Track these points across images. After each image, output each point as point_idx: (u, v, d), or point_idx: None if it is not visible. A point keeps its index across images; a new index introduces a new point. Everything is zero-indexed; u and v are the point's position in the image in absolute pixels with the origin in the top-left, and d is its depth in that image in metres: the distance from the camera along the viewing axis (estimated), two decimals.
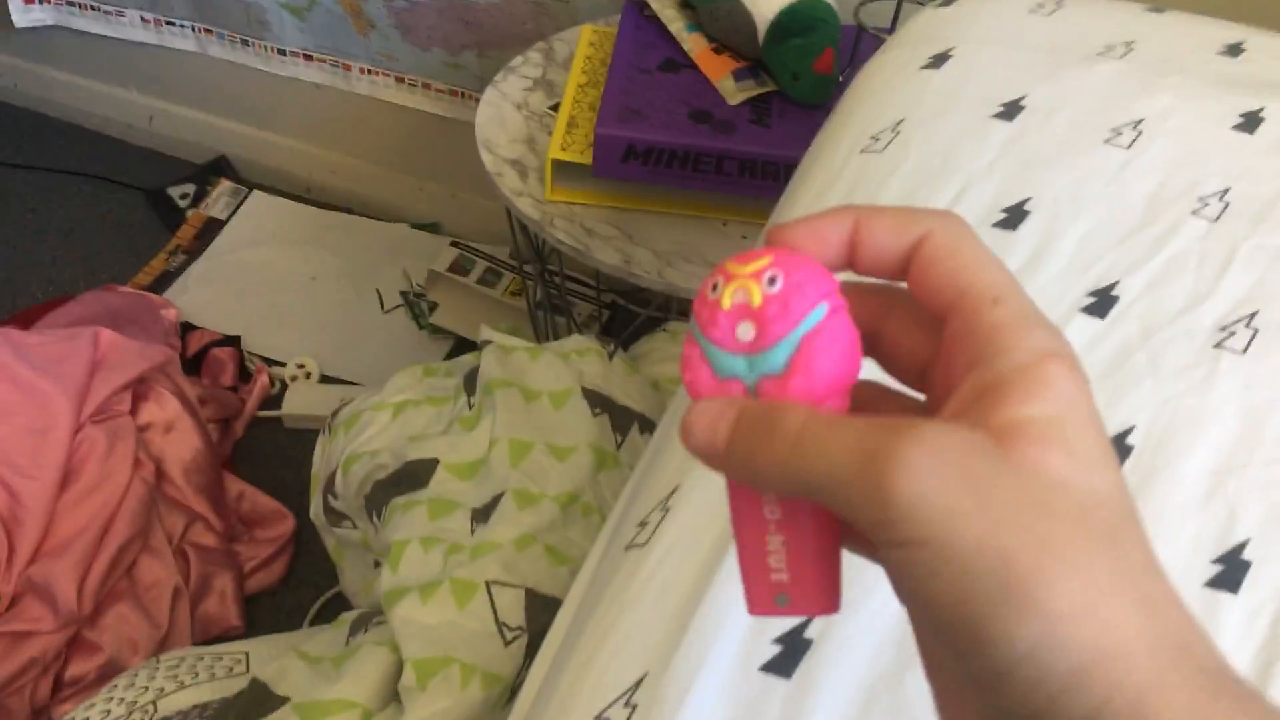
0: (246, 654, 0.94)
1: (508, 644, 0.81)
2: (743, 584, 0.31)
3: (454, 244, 1.65)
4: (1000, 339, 0.27)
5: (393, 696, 0.81)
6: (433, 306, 1.63)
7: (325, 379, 1.57)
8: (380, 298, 1.68)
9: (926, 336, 0.31)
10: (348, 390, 1.52)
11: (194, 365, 1.54)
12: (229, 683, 0.89)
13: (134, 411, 1.33)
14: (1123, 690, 0.24)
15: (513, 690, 0.80)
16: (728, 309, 0.30)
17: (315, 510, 1.12)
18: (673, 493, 0.55)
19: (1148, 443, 0.51)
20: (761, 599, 0.31)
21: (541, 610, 0.83)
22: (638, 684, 0.48)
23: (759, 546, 0.31)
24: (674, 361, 1.11)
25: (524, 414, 0.97)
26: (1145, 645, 0.24)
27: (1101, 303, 0.57)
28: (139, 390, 1.34)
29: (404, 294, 1.67)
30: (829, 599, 0.31)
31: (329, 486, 1.08)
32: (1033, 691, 0.24)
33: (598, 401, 0.98)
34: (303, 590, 1.35)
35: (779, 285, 0.29)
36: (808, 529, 0.31)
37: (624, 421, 0.99)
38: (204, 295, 1.67)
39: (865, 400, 0.32)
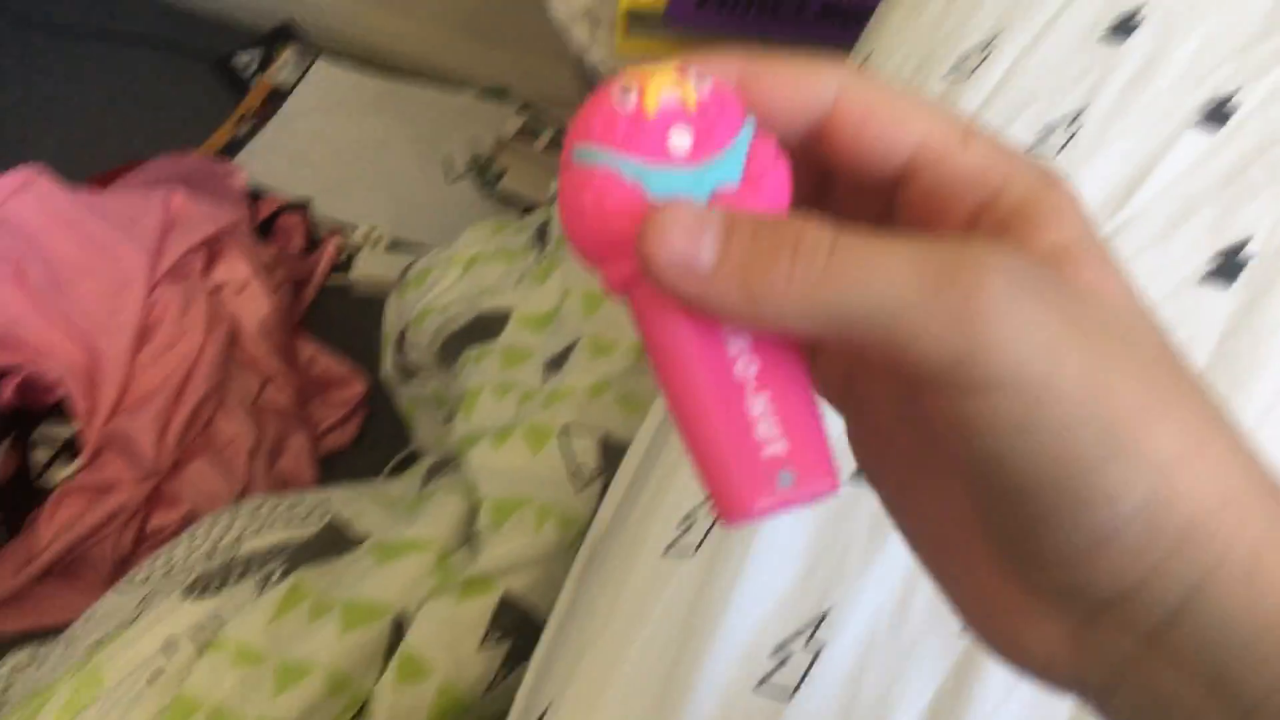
0: (323, 500, 0.95)
1: (581, 489, 0.81)
2: (720, 479, 0.23)
3: (522, 110, 1.62)
4: (993, 175, 0.24)
5: (466, 539, 0.81)
6: (500, 173, 1.61)
7: (393, 246, 1.56)
8: (447, 165, 1.67)
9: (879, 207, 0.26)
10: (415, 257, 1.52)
11: (264, 231, 1.55)
12: (307, 526, 0.90)
13: (207, 272, 1.34)
14: (1234, 548, 0.21)
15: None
16: (654, 116, 0.23)
17: (387, 368, 1.13)
18: None
19: (1266, 250, 0.48)
20: (758, 485, 0.23)
21: (615, 457, 0.83)
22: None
23: (739, 416, 0.23)
24: None
25: None
26: (1253, 493, 0.21)
27: (1216, 115, 0.53)
28: (211, 252, 1.35)
29: (471, 161, 1.66)
30: (834, 466, 0.24)
31: (401, 342, 1.08)
32: (1135, 560, 0.21)
33: None
34: (375, 452, 1.37)
35: (709, 84, 0.24)
36: (796, 378, 0.24)
37: None
38: (272, 162, 1.67)
39: None
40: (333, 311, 1.50)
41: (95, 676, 0.76)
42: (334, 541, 0.83)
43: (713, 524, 0.47)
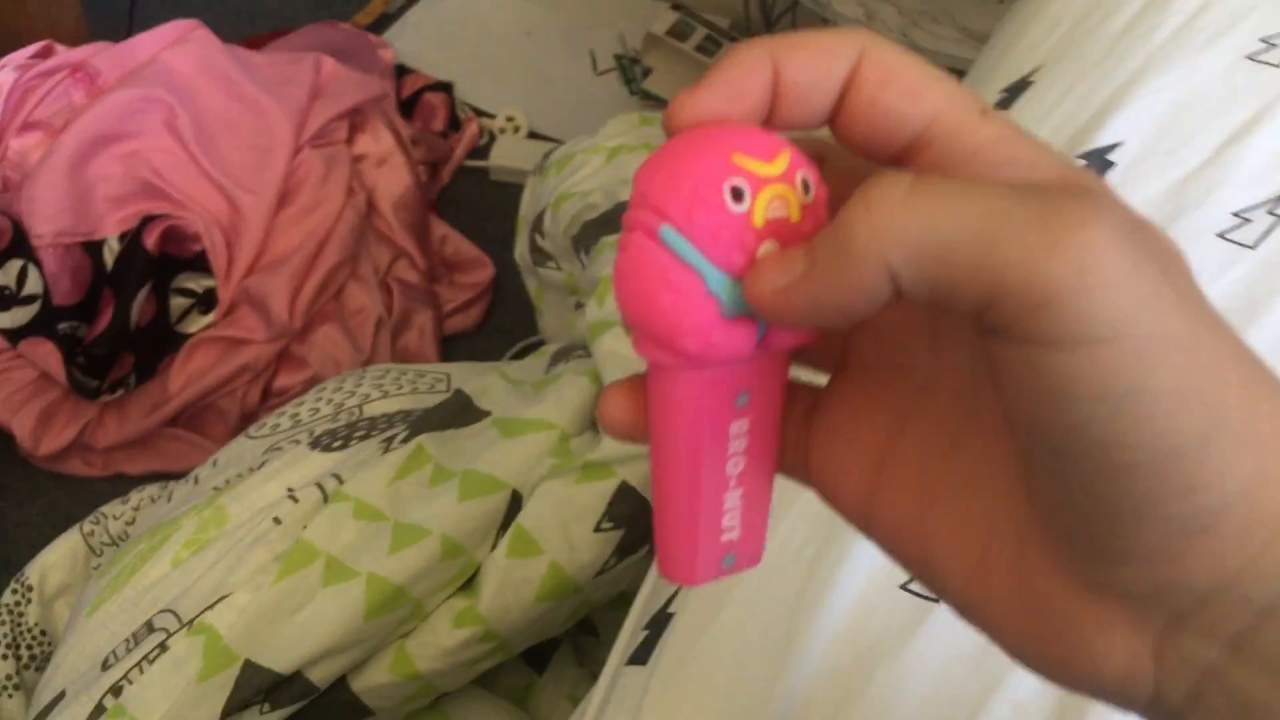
0: (448, 374, 0.96)
1: None
2: (680, 551, 0.26)
3: (674, 8, 1.58)
4: (1014, 151, 0.22)
5: (590, 424, 0.80)
6: (646, 71, 1.58)
7: (533, 135, 1.55)
8: (594, 58, 1.64)
9: None
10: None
11: (407, 108, 1.55)
12: (430, 397, 0.90)
13: (349, 142, 1.35)
14: None
15: None
16: (761, 226, 0.22)
17: (520, 251, 1.12)
18: None
19: None
20: (709, 565, 0.26)
21: None
22: None
23: (716, 506, 0.26)
24: None
25: None
26: None
27: None
28: (355, 121, 1.35)
29: (618, 57, 1.63)
30: (763, 547, 0.27)
31: (536, 226, 1.07)
32: (1234, 550, 0.19)
33: None
34: (497, 337, 1.37)
35: (813, 191, 0.23)
36: (766, 474, 0.26)
37: None
38: (419, 40, 1.66)
39: None
40: (467, 195, 1.50)
41: (220, 514, 0.78)
42: (459, 412, 0.83)
43: None
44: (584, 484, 0.75)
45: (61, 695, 0.74)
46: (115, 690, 0.70)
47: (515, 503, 0.76)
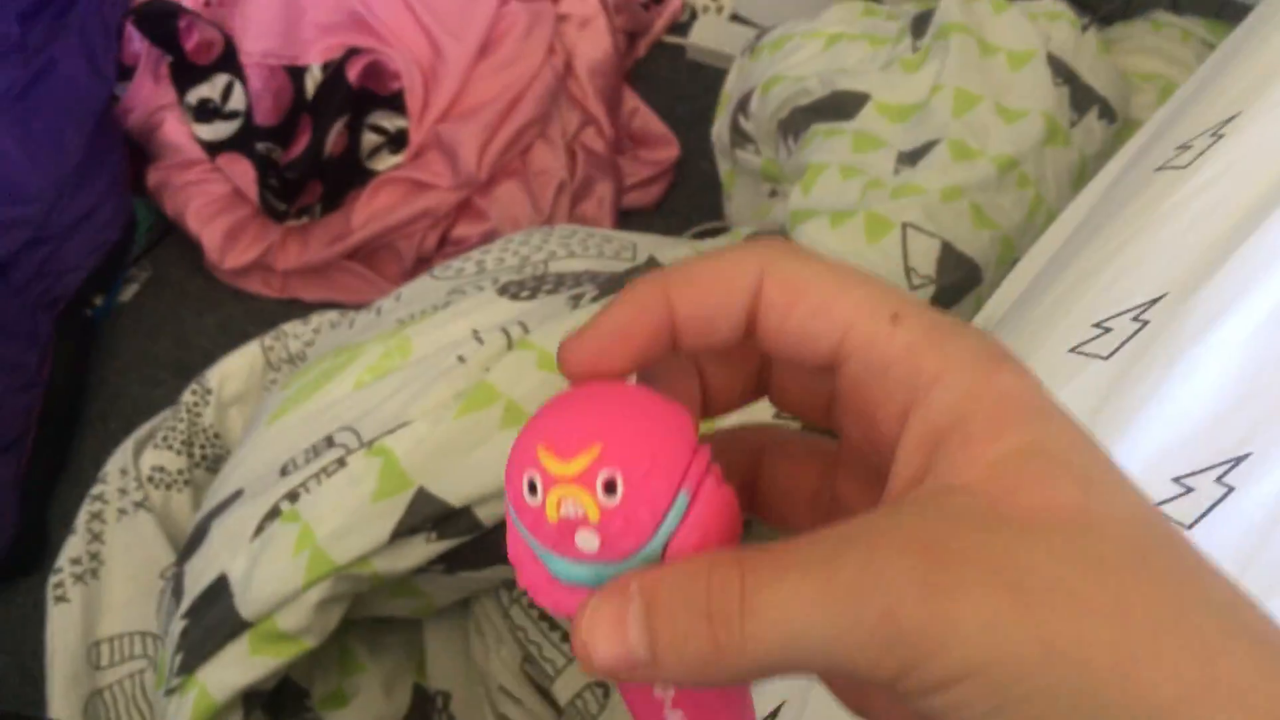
0: (635, 244, 0.95)
1: (913, 289, 0.76)
2: None
3: None
4: (923, 363, 0.21)
5: None
6: None
7: (735, 18, 1.51)
8: None
9: (816, 467, 0.26)
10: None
11: None
12: (617, 263, 0.89)
13: (555, 0, 1.33)
14: None
15: None
16: (555, 522, 0.22)
17: (719, 130, 1.10)
18: (1229, 120, 0.47)
19: None
20: None
21: (954, 266, 0.78)
22: (1153, 302, 0.42)
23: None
24: (1149, 55, 0.98)
25: (977, 67, 0.88)
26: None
27: None
28: None
29: None
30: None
31: (741, 106, 1.04)
32: None
33: (1061, 71, 0.88)
34: (674, 218, 1.36)
35: (619, 494, 0.22)
36: (711, 695, 0.25)
37: (1084, 100, 0.88)
38: None
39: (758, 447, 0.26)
40: (661, 71, 1.47)
41: (405, 345, 0.79)
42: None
43: (1133, 333, 0.41)
44: None
45: (238, 493, 0.76)
46: (292, 496, 0.72)
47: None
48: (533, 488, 0.22)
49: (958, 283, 0.77)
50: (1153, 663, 0.18)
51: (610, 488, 0.22)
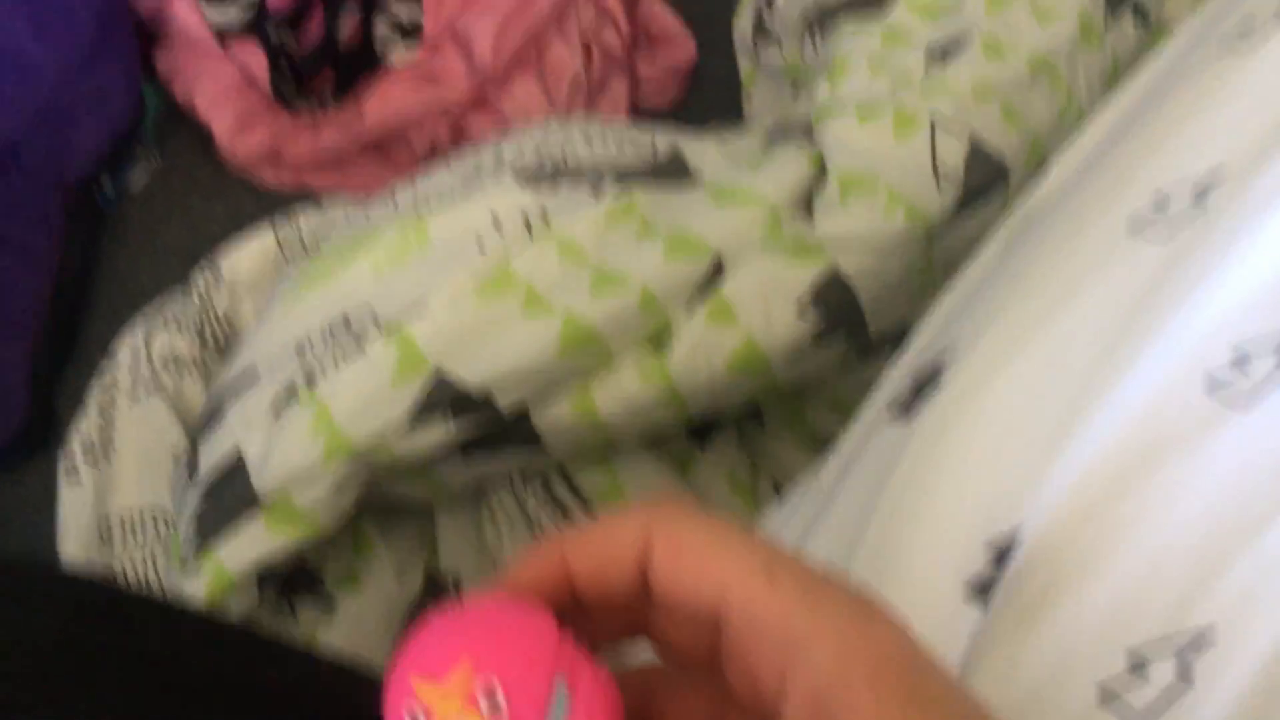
0: (654, 138, 0.93)
1: (939, 187, 0.75)
2: None
3: None
4: (798, 624, 0.23)
5: (803, 205, 0.77)
6: None
7: None
8: None
9: (708, 702, 0.27)
10: None
11: None
12: (637, 156, 0.88)
13: None
14: None
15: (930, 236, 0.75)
16: None
17: (742, 28, 1.08)
18: None
19: None
20: None
21: (982, 167, 0.77)
22: (1211, 170, 0.41)
23: None
24: None
25: None
26: None
27: None
28: None
29: None
30: None
31: (766, 2, 1.02)
32: None
33: None
34: (689, 119, 1.33)
35: (502, 703, 0.23)
36: None
37: (1118, 2, 0.86)
38: None
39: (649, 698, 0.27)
40: None
41: (423, 231, 0.78)
42: (672, 172, 0.80)
43: (1190, 215, 0.41)
44: (793, 262, 0.73)
45: (254, 373, 0.76)
46: (308, 376, 0.71)
47: (718, 270, 0.74)
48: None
49: (984, 183, 0.76)
50: None
51: (491, 695, 0.23)
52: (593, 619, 0.27)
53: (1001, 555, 0.37)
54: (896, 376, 0.47)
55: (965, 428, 0.39)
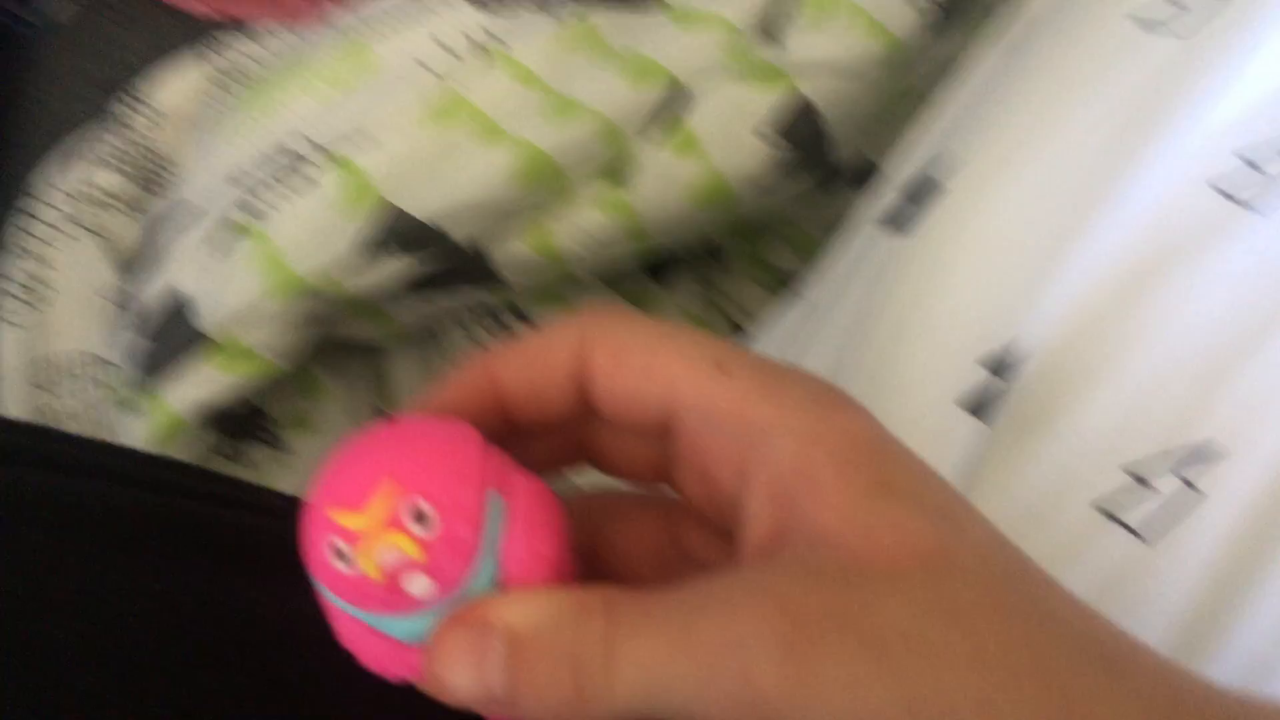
0: None
1: (919, 17, 0.72)
2: None
3: None
4: (757, 413, 0.21)
5: (770, 28, 0.73)
6: None
7: None
8: None
9: (656, 523, 0.25)
10: None
11: None
12: None
13: None
14: None
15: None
16: (380, 579, 0.21)
17: None
18: None
19: None
20: None
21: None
22: None
23: None
24: None
25: None
26: None
27: None
28: None
29: None
30: None
31: None
32: None
33: None
34: None
35: (433, 517, 0.21)
36: None
37: None
38: None
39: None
40: None
41: (365, 54, 0.73)
42: None
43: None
44: (758, 86, 0.70)
45: (188, 207, 0.72)
46: (247, 208, 0.68)
47: (680, 98, 0.71)
48: (340, 554, 0.21)
49: (965, 1, 0.73)
50: (1014, 710, 0.18)
51: (420, 517, 0.21)
52: (529, 445, 0.26)
53: (998, 371, 0.35)
54: (887, 191, 0.45)
55: (963, 239, 0.37)
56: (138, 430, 0.68)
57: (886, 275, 0.37)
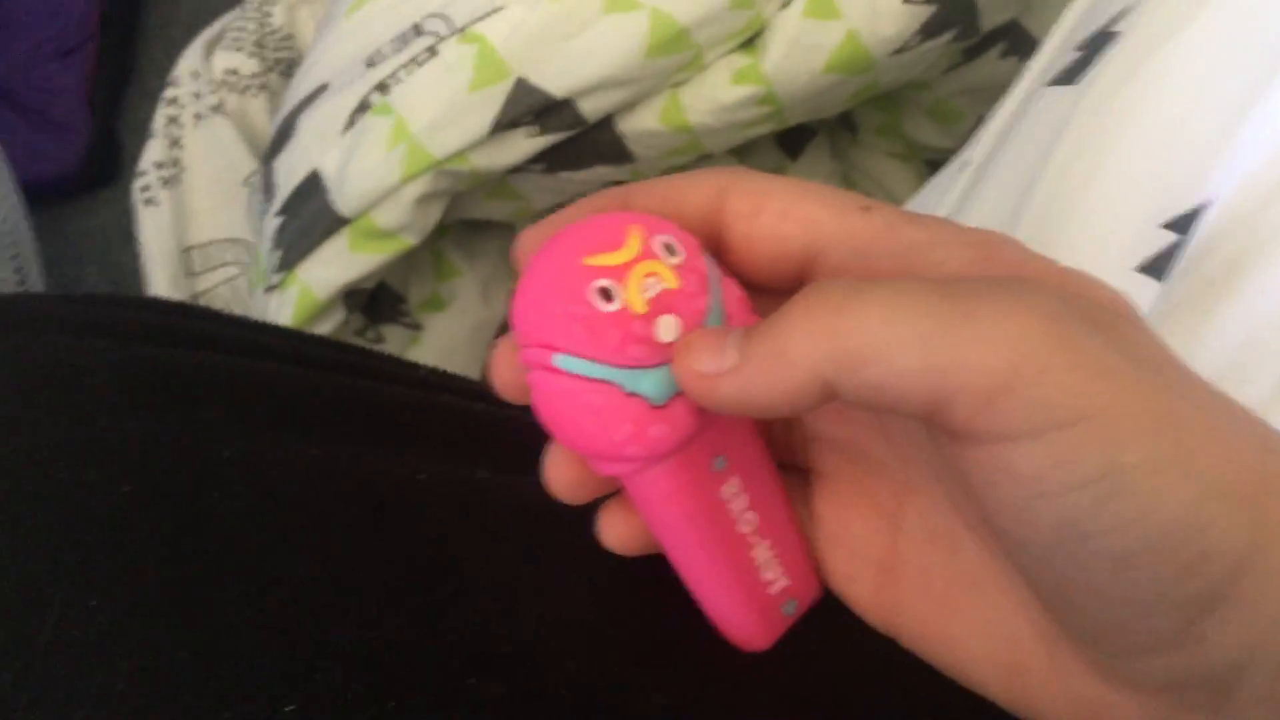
0: None
1: None
2: (736, 624, 0.26)
3: None
4: (912, 235, 0.21)
5: None
6: None
7: None
8: None
9: None
10: None
11: None
12: None
13: None
14: None
15: None
16: (645, 310, 0.21)
17: None
18: None
19: None
20: (771, 623, 0.26)
21: None
22: None
23: (748, 568, 0.25)
24: None
25: None
26: None
27: None
28: None
29: None
30: (819, 576, 0.27)
31: None
32: (1257, 612, 0.18)
33: None
34: None
35: (679, 249, 0.22)
36: (786, 515, 0.26)
37: None
38: None
39: None
40: None
41: None
42: None
43: None
44: None
45: (323, 87, 0.72)
46: (382, 87, 0.67)
47: None
48: (605, 293, 0.21)
49: None
50: (1242, 454, 0.18)
51: (669, 249, 0.22)
52: None
53: (1181, 232, 0.33)
54: (1054, 51, 0.42)
55: (1143, 90, 0.34)
56: (280, 310, 0.69)
57: (1058, 128, 0.35)
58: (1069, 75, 0.37)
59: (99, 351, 0.34)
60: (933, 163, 0.86)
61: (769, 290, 0.24)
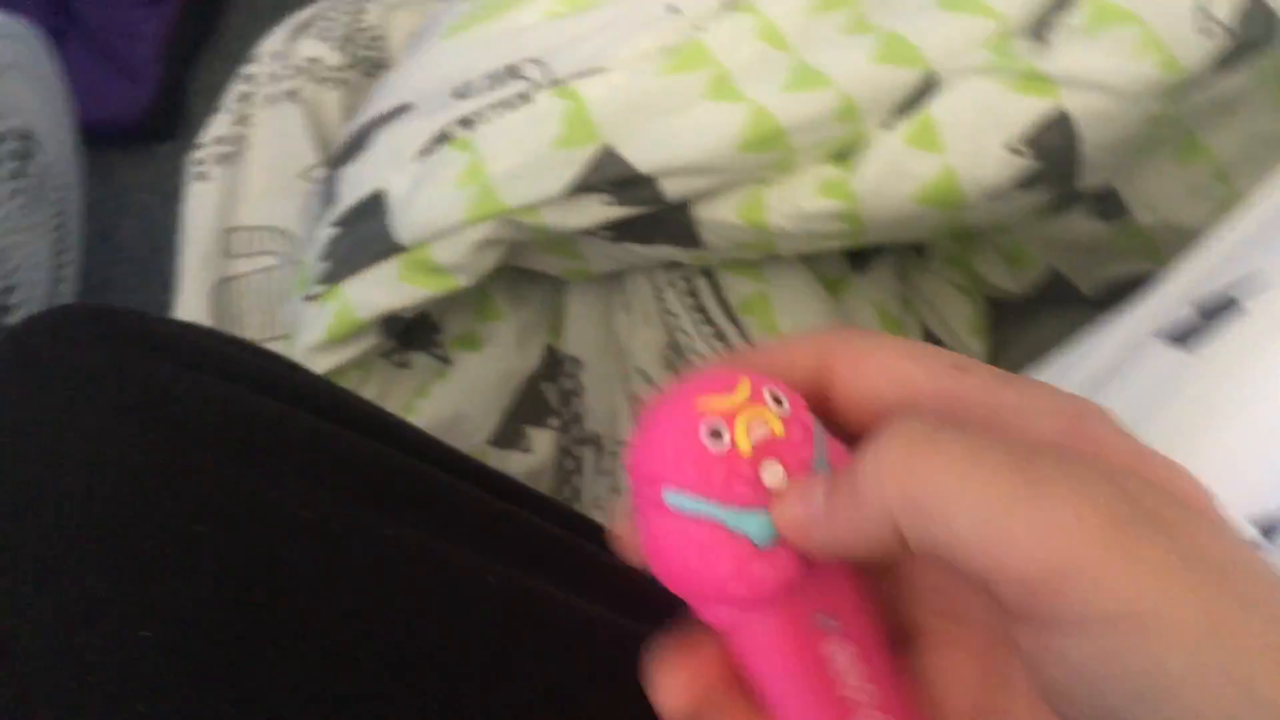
0: None
1: (1201, 36, 0.65)
2: None
3: None
4: (1003, 397, 0.22)
5: (1040, 29, 0.68)
6: None
7: None
8: None
9: None
10: None
11: None
12: None
13: None
14: None
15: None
16: (750, 453, 0.23)
17: None
18: None
19: None
20: None
21: (1262, 16, 0.66)
22: None
23: (821, 670, 0.24)
24: None
25: None
26: None
27: None
28: None
29: None
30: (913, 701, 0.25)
31: None
32: None
33: None
34: None
35: (785, 400, 0.24)
36: (891, 681, 0.25)
37: None
38: None
39: None
40: None
41: None
42: None
43: None
44: (1016, 93, 0.65)
45: (406, 107, 0.71)
46: (466, 122, 0.66)
47: (929, 85, 0.66)
48: (716, 433, 0.22)
49: (1258, 37, 0.66)
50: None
51: (776, 399, 0.23)
52: None
53: (1268, 534, 0.31)
54: (1171, 302, 0.41)
55: (1268, 370, 0.32)
56: (315, 322, 0.67)
57: (1170, 390, 0.33)
58: (1183, 336, 0.36)
59: (199, 386, 0.35)
60: (994, 300, 0.84)
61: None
